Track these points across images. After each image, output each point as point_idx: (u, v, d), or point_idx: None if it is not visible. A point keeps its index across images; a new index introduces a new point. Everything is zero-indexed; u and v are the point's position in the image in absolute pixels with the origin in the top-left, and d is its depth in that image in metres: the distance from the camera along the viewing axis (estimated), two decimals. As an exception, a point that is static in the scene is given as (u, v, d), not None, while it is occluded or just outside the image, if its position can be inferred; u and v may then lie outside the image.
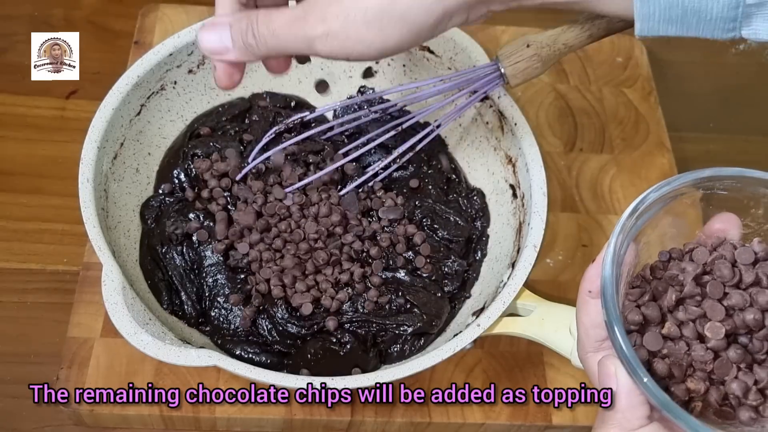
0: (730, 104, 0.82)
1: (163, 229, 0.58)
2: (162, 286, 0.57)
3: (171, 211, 0.60)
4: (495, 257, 0.61)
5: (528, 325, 0.52)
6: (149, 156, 0.62)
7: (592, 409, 0.58)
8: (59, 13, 0.80)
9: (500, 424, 0.57)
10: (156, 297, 0.57)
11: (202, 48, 0.48)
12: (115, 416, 0.55)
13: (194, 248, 0.58)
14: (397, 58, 0.65)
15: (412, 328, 0.56)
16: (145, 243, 0.59)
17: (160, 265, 0.58)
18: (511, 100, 0.60)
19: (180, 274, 0.58)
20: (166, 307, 0.57)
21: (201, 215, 0.59)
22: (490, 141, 0.63)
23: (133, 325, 0.48)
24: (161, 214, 0.60)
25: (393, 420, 0.57)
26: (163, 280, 0.58)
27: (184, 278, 0.58)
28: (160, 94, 0.62)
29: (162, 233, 0.58)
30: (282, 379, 0.49)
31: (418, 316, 0.57)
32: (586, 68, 0.78)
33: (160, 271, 0.58)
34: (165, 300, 0.57)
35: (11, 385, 0.58)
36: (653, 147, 0.73)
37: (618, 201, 0.69)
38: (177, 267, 0.58)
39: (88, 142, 0.55)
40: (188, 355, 0.48)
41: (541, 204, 0.56)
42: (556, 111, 0.75)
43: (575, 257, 0.66)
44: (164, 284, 0.57)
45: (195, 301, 0.57)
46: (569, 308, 0.52)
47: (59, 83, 0.72)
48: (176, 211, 0.60)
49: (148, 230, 0.60)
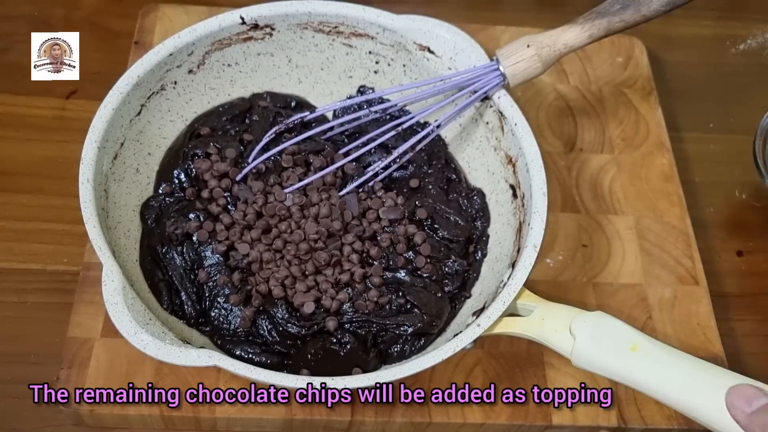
0: (730, 104, 0.82)
1: (163, 229, 0.58)
2: (162, 286, 0.57)
3: (171, 211, 0.60)
4: (495, 257, 0.61)
5: (528, 325, 0.52)
6: (149, 156, 0.62)
7: (593, 409, 0.58)
8: (59, 13, 0.80)
9: (500, 424, 0.57)
10: (156, 297, 0.57)
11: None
12: (115, 416, 0.55)
13: (194, 248, 0.58)
14: (397, 57, 0.65)
15: (413, 329, 0.56)
16: (146, 243, 0.59)
17: (160, 265, 0.58)
18: (510, 100, 0.60)
19: (180, 274, 0.58)
20: (166, 307, 0.57)
21: (201, 215, 0.59)
22: (490, 141, 0.64)
23: (133, 325, 0.48)
24: (161, 214, 0.60)
25: (393, 420, 0.57)
26: (163, 280, 0.58)
27: (184, 278, 0.58)
28: (160, 94, 0.62)
29: (162, 233, 0.58)
30: (282, 379, 0.49)
31: (418, 316, 0.57)
32: (586, 68, 0.78)
33: (160, 271, 0.58)
34: (165, 300, 0.57)
35: (11, 385, 0.58)
36: (653, 147, 0.73)
37: (618, 201, 0.70)
38: (177, 267, 0.58)
39: (89, 142, 0.55)
40: (188, 355, 0.48)
41: (542, 204, 0.56)
42: (556, 111, 0.75)
43: (575, 257, 0.66)
44: (164, 284, 0.57)
45: (195, 301, 0.57)
46: (569, 308, 0.52)
47: (59, 83, 0.72)
48: (176, 211, 0.60)
49: (149, 230, 0.59)
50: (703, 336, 0.63)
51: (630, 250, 0.67)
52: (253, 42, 0.64)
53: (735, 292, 0.69)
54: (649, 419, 0.58)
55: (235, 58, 0.65)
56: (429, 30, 0.63)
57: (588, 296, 0.64)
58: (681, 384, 0.46)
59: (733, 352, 0.64)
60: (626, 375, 0.48)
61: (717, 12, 0.90)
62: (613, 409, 0.58)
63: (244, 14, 0.62)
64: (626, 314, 0.63)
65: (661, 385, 0.47)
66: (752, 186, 0.76)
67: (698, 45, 0.87)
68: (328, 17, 0.64)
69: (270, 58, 0.66)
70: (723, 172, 0.77)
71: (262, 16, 0.63)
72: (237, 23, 0.62)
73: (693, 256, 0.67)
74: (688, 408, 0.45)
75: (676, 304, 0.64)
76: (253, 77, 0.67)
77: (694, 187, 0.74)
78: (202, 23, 0.61)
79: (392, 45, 0.65)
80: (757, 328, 0.68)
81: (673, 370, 0.46)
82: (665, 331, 0.63)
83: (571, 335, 0.50)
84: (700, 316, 0.64)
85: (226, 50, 0.64)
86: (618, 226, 0.68)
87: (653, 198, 0.70)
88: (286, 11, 0.63)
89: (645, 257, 0.66)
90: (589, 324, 0.50)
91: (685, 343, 0.62)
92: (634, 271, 0.66)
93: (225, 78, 0.66)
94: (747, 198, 0.76)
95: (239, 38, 0.64)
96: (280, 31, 0.64)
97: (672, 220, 0.69)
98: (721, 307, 0.67)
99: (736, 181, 0.77)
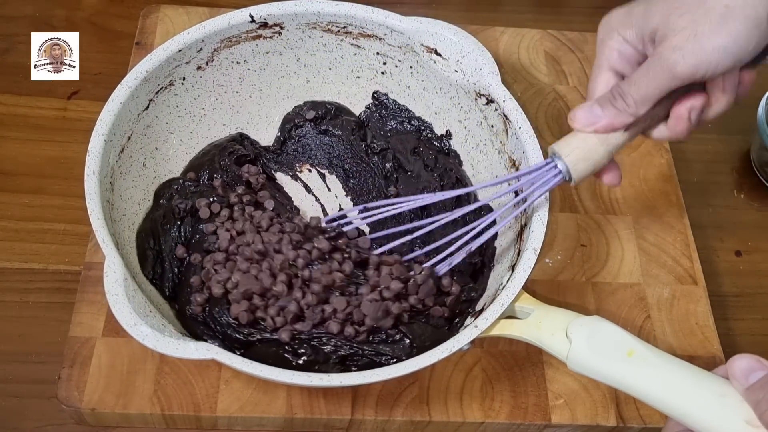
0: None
1: (171, 204, 0.60)
2: (150, 254, 0.59)
3: (188, 192, 0.61)
4: (496, 260, 0.61)
5: (525, 327, 0.52)
6: (156, 150, 0.63)
7: (591, 408, 0.58)
8: (60, 14, 0.80)
9: (499, 423, 0.58)
10: (141, 264, 0.58)
11: (575, 125, 0.52)
12: (116, 415, 0.56)
13: (193, 226, 0.60)
14: (404, 59, 0.66)
15: (395, 360, 0.53)
16: (150, 216, 0.61)
17: (155, 235, 0.59)
18: (515, 104, 0.60)
19: (170, 246, 0.59)
20: (148, 273, 0.58)
21: (215, 200, 0.61)
22: (495, 144, 0.64)
23: (133, 316, 0.48)
24: (176, 196, 0.62)
25: (393, 419, 0.57)
26: (153, 249, 0.59)
27: (173, 251, 0.59)
28: (168, 90, 0.62)
29: (168, 207, 0.60)
30: (279, 375, 0.49)
31: (406, 349, 0.54)
32: (585, 69, 0.78)
33: (153, 240, 0.59)
34: (149, 267, 0.58)
35: (13, 385, 0.59)
36: (652, 147, 0.73)
37: (616, 201, 0.70)
38: (170, 240, 0.59)
39: (96, 134, 0.56)
40: (186, 348, 0.48)
41: (543, 207, 0.56)
42: (555, 111, 0.75)
43: (574, 257, 0.66)
44: (152, 252, 0.59)
45: (175, 274, 0.58)
46: (567, 312, 0.52)
47: (61, 84, 0.73)
48: (193, 193, 0.61)
49: (157, 206, 0.61)
50: (702, 335, 0.63)
51: (629, 249, 0.67)
52: (261, 40, 0.65)
53: (733, 291, 0.70)
54: (647, 418, 0.58)
55: (244, 56, 0.65)
56: (436, 32, 0.63)
57: (587, 296, 0.64)
58: (676, 391, 0.46)
59: (732, 351, 0.64)
60: (621, 380, 0.48)
61: (716, 13, 0.90)
62: (612, 409, 0.59)
63: (253, 12, 0.62)
64: (625, 314, 0.64)
65: (657, 391, 0.46)
66: (750, 186, 0.76)
67: (697, 45, 0.87)
68: (336, 17, 0.64)
69: (278, 56, 0.67)
70: (721, 172, 0.77)
71: (272, 14, 0.63)
72: (246, 21, 0.63)
73: (691, 256, 0.67)
74: (683, 415, 0.45)
75: (674, 303, 0.64)
76: (261, 75, 0.67)
77: (693, 187, 0.75)
78: (211, 20, 0.62)
79: (400, 46, 0.65)
80: (755, 328, 0.68)
81: (669, 377, 0.46)
82: (664, 331, 0.63)
83: (567, 339, 0.50)
84: (699, 315, 0.64)
85: (235, 48, 0.64)
86: (617, 226, 0.68)
87: (652, 198, 0.70)
88: (295, 11, 0.63)
89: (643, 257, 0.67)
90: (585, 328, 0.50)
91: (684, 343, 0.62)
92: (633, 270, 0.66)
93: (233, 75, 0.66)
94: (745, 198, 0.76)
95: (248, 36, 0.64)
96: (289, 30, 0.65)
97: (670, 220, 0.69)
98: (720, 306, 0.67)
99: (735, 181, 0.77)
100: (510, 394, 0.58)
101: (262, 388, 0.57)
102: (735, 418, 0.43)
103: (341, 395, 0.57)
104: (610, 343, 0.49)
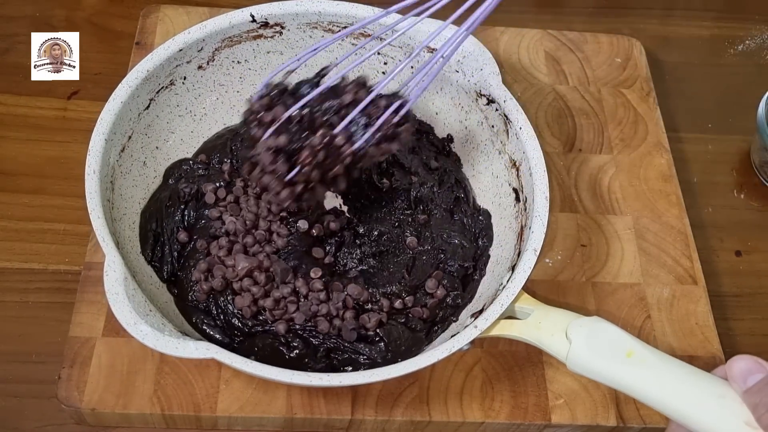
0: (729, 104, 0.82)
1: (177, 186, 0.61)
2: (151, 235, 0.59)
3: (196, 175, 0.62)
4: (496, 260, 0.61)
5: (525, 328, 0.52)
6: (157, 150, 0.63)
7: (591, 408, 0.58)
8: (60, 14, 0.80)
9: (499, 423, 0.58)
10: (141, 245, 0.58)
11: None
12: (116, 415, 0.56)
13: (197, 210, 0.60)
14: (403, 59, 0.66)
15: (369, 362, 0.55)
16: (156, 195, 0.61)
17: (158, 217, 0.60)
18: (516, 104, 0.60)
19: (172, 229, 0.59)
20: (147, 255, 0.58)
21: (222, 185, 0.61)
22: (495, 144, 0.64)
23: (133, 315, 0.48)
24: (184, 177, 0.62)
25: (393, 419, 0.57)
26: (155, 231, 0.59)
27: (174, 234, 0.59)
28: (169, 89, 0.62)
29: (174, 188, 0.61)
30: (279, 375, 0.49)
31: (381, 352, 0.56)
32: (585, 69, 0.78)
33: (155, 222, 0.60)
34: (149, 248, 0.58)
35: (13, 385, 0.59)
36: (652, 147, 0.74)
37: (617, 201, 0.70)
38: (173, 223, 0.60)
39: (96, 133, 0.56)
40: (186, 347, 0.48)
41: (543, 208, 0.56)
42: (555, 111, 0.75)
43: (574, 257, 0.66)
44: (154, 234, 0.59)
45: (175, 258, 0.59)
46: (566, 312, 0.52)
47: (61, 84, 0.73)
48: (200, 176, 0.62)
49: (164, 186, 0.62)
50: (702, 335, 0.63)
51: (629, 249, 0.67)
52: (262, 40, 0.65)
53: (733, 291, 0.70)
54: (647, 418, 0.58)
55: (245, 56, 0.65)
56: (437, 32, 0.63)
57: (587, 296, 0.64)
58: (676, 392, 0.46)
59: (732, 351, 0.64)
60: (621, 381, 0.48)
61: (715, 13, 0.91)
62: (612, 409, 0.59)
63: (254, 12, 0.63)
64: (625, 314, 0.64)
65: (656, 392, 0.46)
66: (750, 186, 0.76)
67: (697, 46, 0.88)
68: (337, 17, 0.64)
69: (279, 56, 0.67)
70: (721, 173, 0.77)
71: (273, 14, 0.63)
72: (247, 21, 0.63)
73: (691, 256, 0.67)
74: (682, 416, 0.45)
75: (674, 303, 0.65)
76: (262, 75, 0.67)
77: (693, 187, 0.75)
78: (212, 20, 0.62)
79: (401, 47, 0.65)
80: (755, 328, 0.68)
81: (667, 378, 0.46)
82: (663, 331, 0.63)
83: (567, 339, 0.50)
84: (699, 315, 0.64)
85: (236, 47, 0.64)
86: (617, 226, 0.68)
87: (652, 198, 0.70)
88: (296, 10, 0.63)
89: (643, 257, 0.67)
90: (585, 329, 0.50)
91: (684, 343, 0.63)
92: (633, 270, 0.66)
93: (234, 75, 0.66)
94: (745, 198, 0.76)
95: (249, 36, 0.64)
96: (290, 29, 0.65)
97: (670, 220, 0.69)
98: (720, 306, 0.67)
99: (735, 181, 0.77)
100: (510, 394, 0.58)
101: (262, 387, 0.57)
102: (734, 419, 0.43)
103: (341, 395, 0.57)
104: (610, 343, 0.49)
